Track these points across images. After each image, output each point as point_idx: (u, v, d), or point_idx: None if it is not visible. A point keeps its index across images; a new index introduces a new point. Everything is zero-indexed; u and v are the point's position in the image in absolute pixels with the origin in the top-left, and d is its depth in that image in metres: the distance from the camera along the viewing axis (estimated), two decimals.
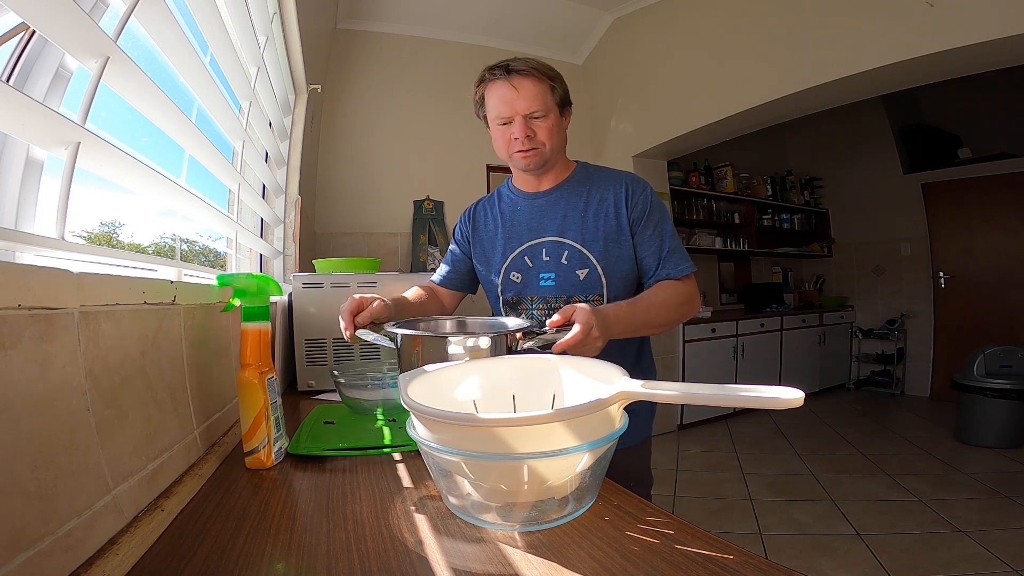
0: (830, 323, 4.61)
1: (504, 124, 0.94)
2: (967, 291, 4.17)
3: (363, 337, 0.79)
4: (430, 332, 0.76)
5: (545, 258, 1.00)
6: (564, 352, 0.71)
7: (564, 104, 0.97)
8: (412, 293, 1.07)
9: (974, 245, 4.14)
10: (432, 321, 0.95)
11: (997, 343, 3.17)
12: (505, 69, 0.92)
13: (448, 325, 0.94)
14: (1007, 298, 3.94)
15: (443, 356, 0.70)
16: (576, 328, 0.71)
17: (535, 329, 0.77)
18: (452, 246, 1.15)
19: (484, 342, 0.71)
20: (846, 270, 4.96)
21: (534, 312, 1.00)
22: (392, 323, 0.79)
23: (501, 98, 0.92)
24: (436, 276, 1.16)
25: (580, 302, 0.95)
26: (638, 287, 1.01)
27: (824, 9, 2.31)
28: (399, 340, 0.76)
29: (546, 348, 0.74)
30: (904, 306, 4.53)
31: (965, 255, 4.19)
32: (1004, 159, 3.92)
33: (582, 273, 0.98)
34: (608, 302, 0.97)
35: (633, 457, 1.00)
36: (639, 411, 1.00)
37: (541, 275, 1.00)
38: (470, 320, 0.95)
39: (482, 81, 0.96)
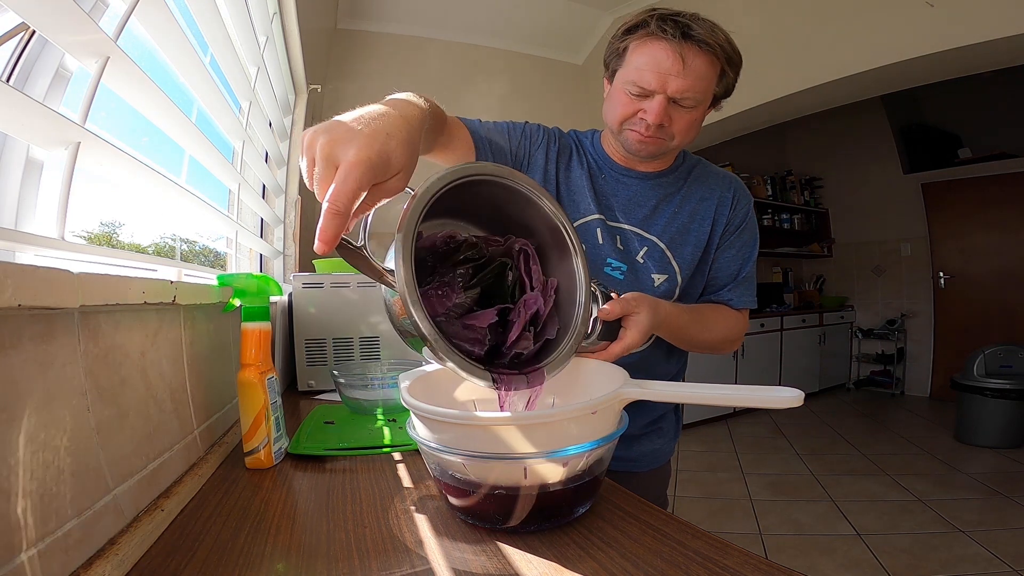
0: (830, 323, 4.61)
1: (639, 95, 0.72)
2: (967, 291, 4.17)
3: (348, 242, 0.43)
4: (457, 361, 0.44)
5: (619, 245, 0.83)
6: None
7: (723, 96, 0.78)
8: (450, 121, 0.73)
9: (974, 245, 4.15)
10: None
11: (997, 343, 3.17)
12: (683, 30, 0.68)
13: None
14: (1007, 298, 3.95)
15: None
16: (619, 347, 0.61)
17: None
18: (509, 127, 0.85)
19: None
20: (846, 270, 4.96)
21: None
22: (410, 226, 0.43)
23: (656, 65, 0.69)
24: (470, 119, 0.82)
25: None
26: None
27: (824, 9, 2.31)
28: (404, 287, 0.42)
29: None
30: (904, 306, 4.53)
31: (965, 255, 4.20)
32: (1004, 159, 3.93)
33: (658, 279, 0.82)
34: None
35: (653, 480, 0.94)
36: (665, 433, 0.94)
37: (609, 260, 0.82)
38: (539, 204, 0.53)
39: (638, 28, 0.72)
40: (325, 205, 0.39)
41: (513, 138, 0.84)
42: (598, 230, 0.82)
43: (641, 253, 0.83)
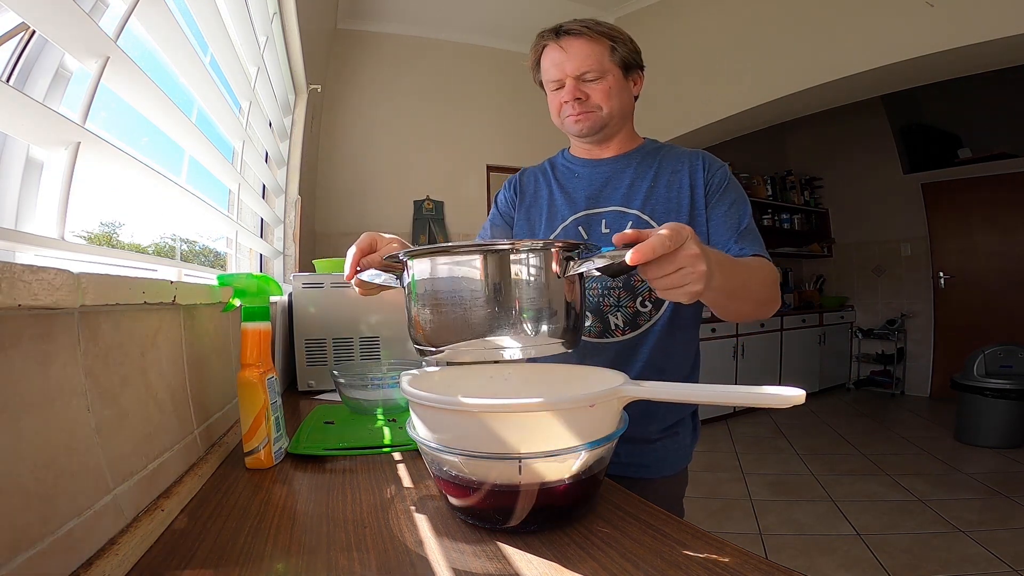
0: (830, 323, 4.61)
1: (556, 89, 0.87)
2: (967, 291, 4.17)
3: (367, 279, 0.63)
4: (449, 248, 0.53)
5: (604, 230, 0.87)
6: (639, 276, 0.53)
7: (629, 67, 0.87)
8: None
9: (974, 245, 4.14)
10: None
11: (997, 343, 3.17)
12: (556, 31, 0.86)
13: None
14: (1007, 298, 3.94)
15: (458, 283, 0.51)
16: (661, 231, 0.48)
17: (588, 248, 0.56)
18: (492, 212, 1.03)
19: (515, 258, 0.50)
20: (846, 270, 4.96)
21: (586, 292, 0.85)
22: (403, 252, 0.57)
23: (552, 61, 0.86)
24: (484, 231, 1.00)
25: (642, 283, 0.84)
26: None
27: (824, 9, 2.31)
28: (410, 272, 0.55)
29: (611, 270, 0.52)
30: (904, 306, 4.53)
31: (965, 255, 4.20)
32: (1004, 159, 3.92)
33: None
34: None
35: (668, 488, 0.91)
36: (681, 439, 0.91)
37: (603, 249, 0.80)
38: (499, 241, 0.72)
39: (535, 45, 0.90)
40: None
41: (498, 221, 1.00)
42: (579, 228, 0.89)
43: (627, 228, 0.85)
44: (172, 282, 0.53)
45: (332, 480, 0.62)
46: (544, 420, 0.44)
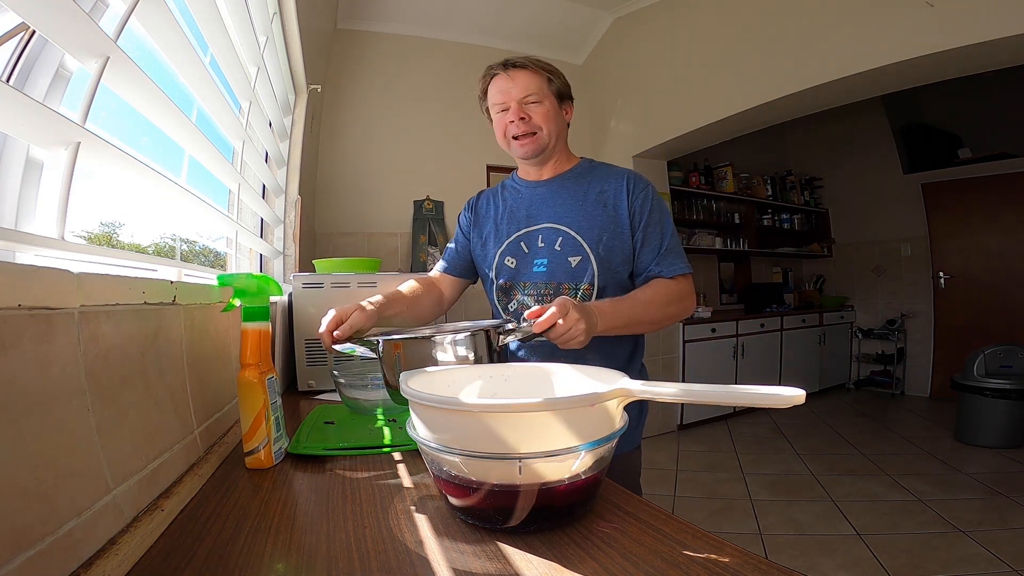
0: (830, 323, 4.60)
1: (502, 111, 1.00)
2: (967, 291, 4.17)
3: (342, 351, 0.79)
4: (408, 334, 0.76)
5: (540, 244, 1.01)
6: (544, 337, 0.74)
7: (562, 97, 1.01)
8: (407, 287, 1.06)
9: (974, 245, 4.14)
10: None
11: (997, 343, 3.17)
12: (504, 64, 0.99)
13: (426, 331, 0.90)
14: (1007, 298, 3.94)
15: (425, 360, 0.72)
16: (552, 309, 0.73)
17: (510, 323, 0.78)
18: (456, 232, 1.18)
19: (461, 343, 0.73)
20: (846, 270, 4.96)
21: (525, 297, 1.01)
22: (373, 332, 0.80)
23: (499, 88, 0.99)
24: (437, 266, 1.17)
25: (570, 290, 0.98)
26: (632, 281, 1.00)
27: (824, 9, 2.31)
28: (380, 347, 0.76)
29: (529, 340, 0.74)
30: (904, 306, 4.52)
31: (965, 255, 4.19)
32: (1004, 159, 3.92)
33: (574, 260, 0.98)
34: (599, 292, 0.97)
35: (621, 467, 0.93)
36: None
37: (535, 261, 1.01)
38: (447, 326, 0.93)
39: (484, 76, 1.03)
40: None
41: (461, 241, 1.15)
42: (521, 243, 1.03)
43: (558, 242, 1.00)
44: (172, 282, 0.53)
45: (332, 480, 0.62)
46: (544, 420, 0.44)
